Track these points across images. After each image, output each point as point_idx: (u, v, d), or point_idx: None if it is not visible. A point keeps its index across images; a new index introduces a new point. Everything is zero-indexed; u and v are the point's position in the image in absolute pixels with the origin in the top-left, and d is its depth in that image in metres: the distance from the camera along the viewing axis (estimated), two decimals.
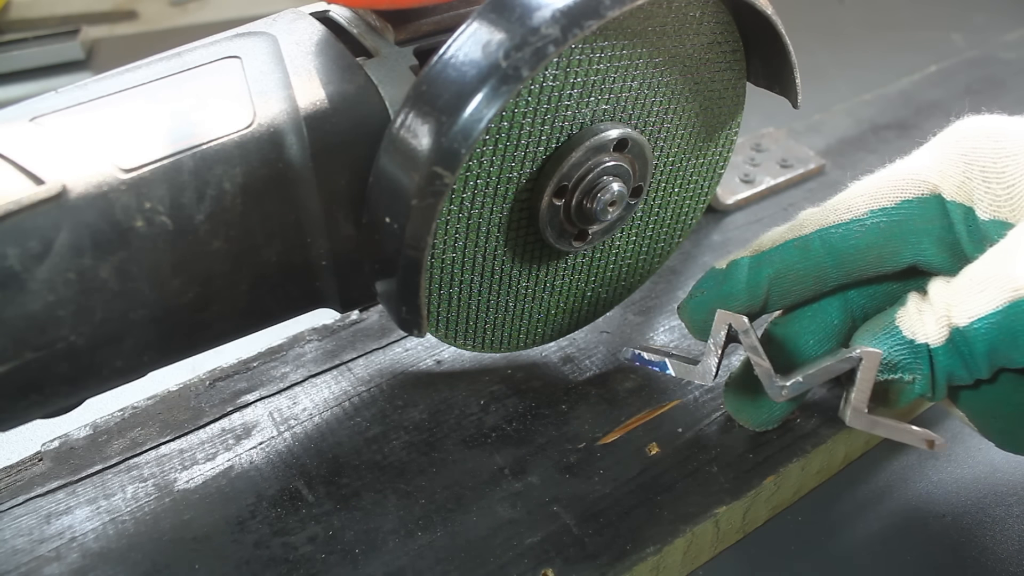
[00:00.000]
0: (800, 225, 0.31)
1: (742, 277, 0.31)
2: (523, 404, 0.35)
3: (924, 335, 0.27)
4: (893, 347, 0.27)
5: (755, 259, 0.31)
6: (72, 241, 0.23)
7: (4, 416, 0.25)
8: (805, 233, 0.31)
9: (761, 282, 0.31)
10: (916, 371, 0.27)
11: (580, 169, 0.29)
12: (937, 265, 0.30)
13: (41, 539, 0.30)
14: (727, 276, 0.32)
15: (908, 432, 0.28)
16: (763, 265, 0.31)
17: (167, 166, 0.25)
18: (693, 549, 0.30)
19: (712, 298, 0.32)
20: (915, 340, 0.27)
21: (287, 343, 0.38)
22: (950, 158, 0.29)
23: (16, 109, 0.25)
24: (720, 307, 0.30)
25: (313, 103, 0.26)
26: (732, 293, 0.31)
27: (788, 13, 0.32)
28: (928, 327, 0.27)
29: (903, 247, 0.30)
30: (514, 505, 0.31)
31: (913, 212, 0.29)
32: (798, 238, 0.31)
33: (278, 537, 0.30)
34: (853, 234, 0.30)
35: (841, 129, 0.54)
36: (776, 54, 0.31)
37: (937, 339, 0.27)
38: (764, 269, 0.31)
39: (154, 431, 0.34)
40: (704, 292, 0.32)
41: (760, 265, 0.31)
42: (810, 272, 0.31)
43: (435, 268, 0.28)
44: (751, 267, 0.31)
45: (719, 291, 0.32)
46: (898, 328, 0.28)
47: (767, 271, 0.31)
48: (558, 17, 0.24)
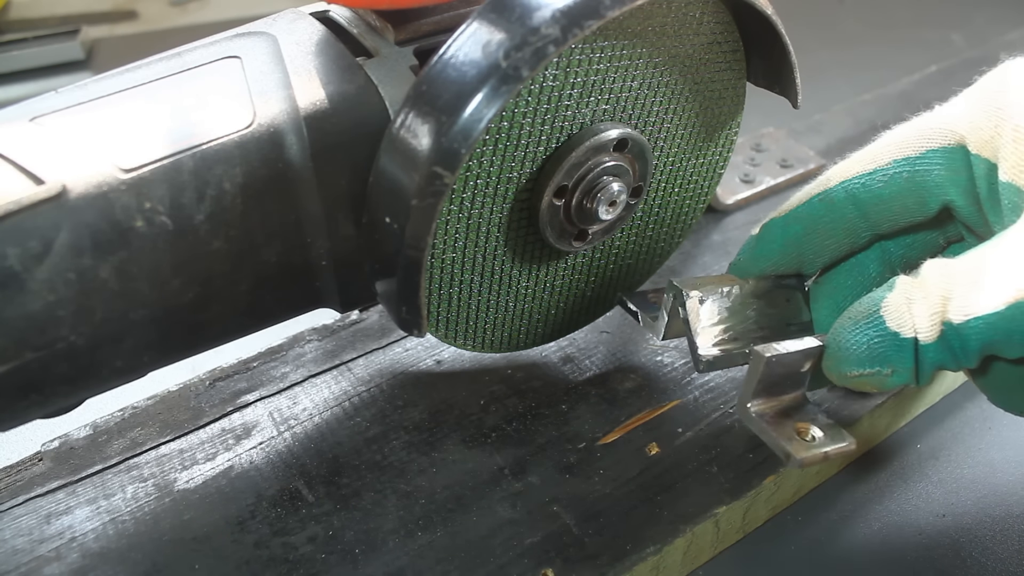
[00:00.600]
0: (826, 179, 0.31)
1: (773, 237, 0.31)
2: (523, 404, 0.35)
3: (912, 329, 0.25)
4: (874, 338, 0.26)
5: (784, 218, 0.31)
6: (72, 241, 0.23)
7: (4, 416, 0.25)
8: (830, 187, 0.30)
9: (791, 240, 0.31)
10: (898, 364, 0.26)
11: (580, 169, 0.29)
12: (966, 216, 0.29)
13: (41, 539, 0.30)
14: (759, 239, 0.32)
15: (775, 442, 0.27)
16: (791, 223, 0.31)
17: (167, 166, 0.25)
18: (693, 549, 0.30)
19: (749, 261, 0.32)
20: (900, 334, 0.25)
21: (287, 343, 0.38)
22: (985, 108, 0.28)
23: (16, 109, 0.25)
24: (756, 269, 0.31)
25: (313, 103, 0.26)
26: (765, 254, 0.31)
27: (788, 13, 0.32)
28: (918, 320, 0.25)
29: (928, 197, 0.29)
30: (514, 505, 0.31)
31: (937, 162, 0.28)
32: (822, 192, 0.30)
33: (278, 537, 0.30)
34: (876, 184, 0.29)
35: (841, 129, 0.54)
36: (776, 54, 0.31)
37: (927, 335, 0.25)
38: (793, 227, 0.31)
39: (154, 431, 0.34)
40: (742, 258, 0.32)
41: (788, 223, 0.31)
42: (838, 225, 0.30)
43: (435, 268, 0.28)
44: (781, 227, 0.31)
45: (753, 254, 0.32)
46: (882, 318, 0.26)
47: (795, 228, 0.31)
48: (558, 17, 0.24)
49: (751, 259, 0.32)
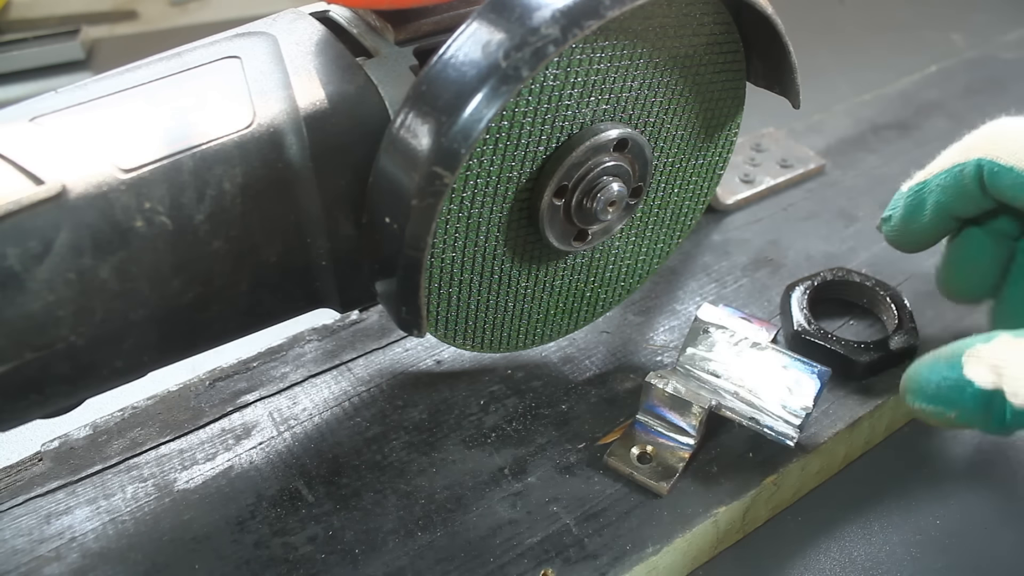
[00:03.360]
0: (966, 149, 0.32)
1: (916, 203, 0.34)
2: (523, 404, 0.35)
3: (990, 383, 0.26)
4: (946, 380, 0.27)
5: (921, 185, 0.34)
6: (72, 241, 0.23)
7: (4, 416, 0.25)
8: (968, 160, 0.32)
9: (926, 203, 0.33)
10: (963, 409, 0.27)
11: (580, 169, 0.29)
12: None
13: (41, 539, 0.30)
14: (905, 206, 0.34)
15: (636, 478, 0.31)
16: (932, 191, 0.33)
17: (167, 166, 0.24)
18: (693, 549, 0.30)
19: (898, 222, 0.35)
20: (975, 383, 0.26)
21: (287, 343, 0.38)
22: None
23: (16, 109, 0.25)
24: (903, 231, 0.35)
25: (313, 103, 0.26)
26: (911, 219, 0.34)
27: (788, 13, 0.32)
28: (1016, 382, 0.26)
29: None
30: (514, 505, 0.31)
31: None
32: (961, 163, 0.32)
33: (278, 537, 0.30)
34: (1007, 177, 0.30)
35: (841, 129, 0.54)
36: (776, 54, 0.31)
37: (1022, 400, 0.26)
38: (935, 195, 0.33)
39: (154, 431, 0.34)
40: (891, 216, 0.35)
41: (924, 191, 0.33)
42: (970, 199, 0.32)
43: (435, 268, 0.28)
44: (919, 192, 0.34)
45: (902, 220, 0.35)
46: (961, 364, 0.27)
47: (937, 197, 0.33)
48: (558, 17, 0.24)
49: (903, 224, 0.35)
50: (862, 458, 0.35)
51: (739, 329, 0.33)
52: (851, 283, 0.39)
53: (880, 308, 0.38)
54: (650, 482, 0.31)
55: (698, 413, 0.31)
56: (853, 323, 0.39)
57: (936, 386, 0.28)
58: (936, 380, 0.28)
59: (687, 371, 0.32)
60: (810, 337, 0.35)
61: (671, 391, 0.32)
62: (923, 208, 0.34)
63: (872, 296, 0.38)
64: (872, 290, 0.38)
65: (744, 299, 0.40)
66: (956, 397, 0.27)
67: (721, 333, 0.33)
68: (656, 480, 0.31)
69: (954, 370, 0.27)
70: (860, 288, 0.39)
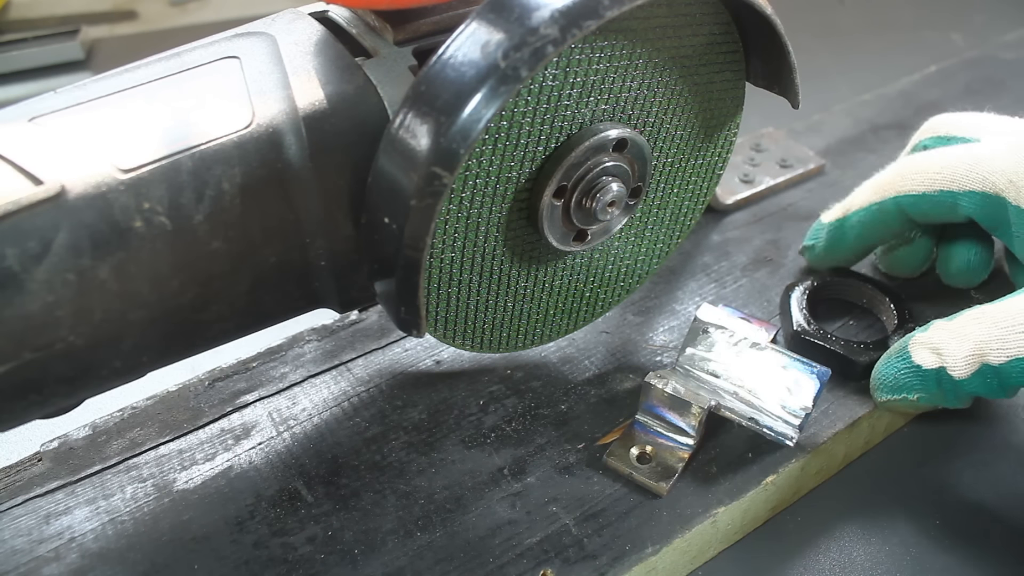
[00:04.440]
0: (881, 191, 0.37)
1: (843, 235, 0.38)
2: (522, 404, 0.35)
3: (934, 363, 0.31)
4: (901, 370, 0.32)
5: (847, 219, 0.38)
6: (71, 241, 0.23)
7: (3, 416, 0.25)
8: (884, 199, 0.36)
9: (854, 237, 0.38)
10: (923, 391, 0.32)
11: (579, 169, 0.29)
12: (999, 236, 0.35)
13: (40, 539, 0.30)
14: (830, 237, 0.39)
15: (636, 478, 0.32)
16: (854, 225, 0.38)
17: (166, 166, 0.24)
18: (693, 549, 0.30)
19: (824, 254, 0.40)
20: (922, 367, 0.31)
21: (286, 343, 0.38)
22: None
23: (15, 109, 0.25)
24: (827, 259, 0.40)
25: (312, 103, 0.26)
26: (839, 247, 0.39)
27: (788, 13, 0.32)
28: (950, 359, 0.30)
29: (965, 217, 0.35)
30: (513, 505, 0.31)
31: (976, 200, 0.34)
32: (879, 202, 0.37)
33: (277, 537, 0.30)
34: (922, 205, 0.35)
35: (841, 129, 0.54)
36: (776, 54, 0.31)
37: (962, 371, 0.30)
38: (855, 229, 0.38)
39: (153, 431, 0.34)
40: (814, 245, 0.40)
41: (852, 225, 0.38)
42: (890, 226, 0.37)
43: (434, 268, 0.28)
44: (845, 226, 0.38)
45: (827, 249, 0.39)
46: (908, 353, 0.32)
47: (857, 230, 0.38)
48: (557, 17, 0.24)
49: (825, 253, 0.39)
50: (862, 458, 0.35)
51: (739, 329, 0.33)
52: (850, 283, 0.39)
53: (880, 308, 0.38)
54: (649, 482, 0.31)
55: (697, 413, 0.31)
56: (853, 323, 0.39)
57: (894, 378, 0.32)
58: (893, 372, 0.32)
59: (686, 371, 0.32)
60: (809, 337, 0.35)
61: (670, 391, 0.32)
62: (846, 240, 0.38)
63: (871, 296, 0.39)
64: (871, 290, 0.38)
65: (744, 299, 0.40)
66: (912, 382, 0.32)
67: (721, 333, 0.33)
68: (655, 480, 0.31)
69: (904, 360, 0.32)
70: (859, 288, 0.39)
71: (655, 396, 0.32)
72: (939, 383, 0.31)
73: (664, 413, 0.32)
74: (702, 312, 0.34)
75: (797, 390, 0.31)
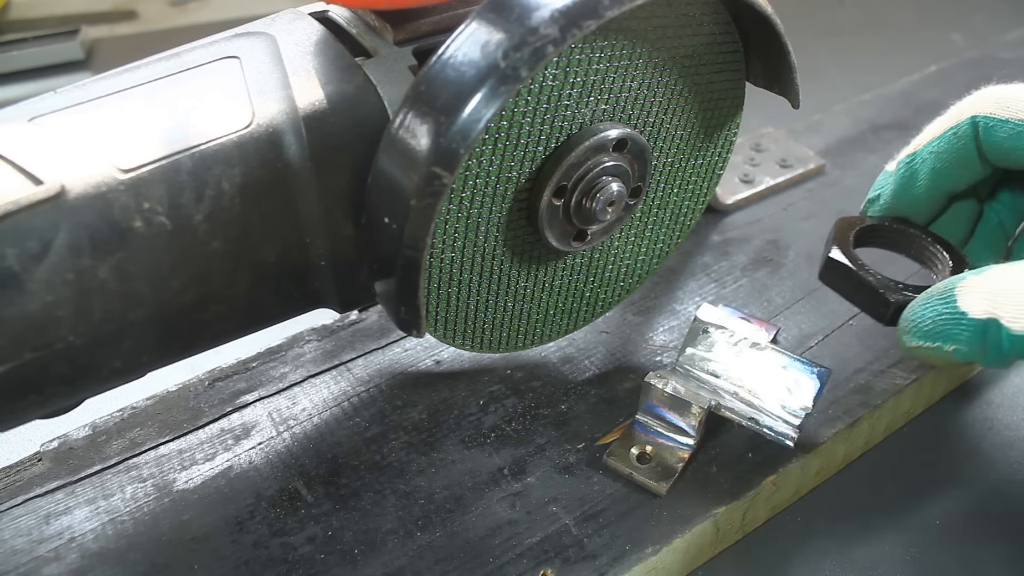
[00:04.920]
0: (958, 112, 0.32)
1: (914, 171, 0.33)
2: (522, 404, 0.35)
3: (983, 311, 0.26)
4: (942, 314, 0.27)
5: (920, 152, 0.33)
6: (71, 241, 0.23)
7: (3, 416, 0.25)
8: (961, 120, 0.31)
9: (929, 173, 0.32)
10: (962, 342, 0.27)
11: (579, 169, 0.29)
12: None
13: (40, 539, 0.30)
14: (900, 175, 0.33)
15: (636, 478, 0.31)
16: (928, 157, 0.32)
17: (166, 166, 0.24)
18: (693, 549, 0.30)
19: (887, 200, 0.34)
20: (968, 313, 0.26)
21: (286, 343, 0.38)
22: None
23: (15, 109, 0.25)
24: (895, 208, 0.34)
25: (312, 103, 0.26)
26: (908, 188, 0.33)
27: (788, 13, 0.32)
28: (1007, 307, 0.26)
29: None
30: (513, 505, 0.31)
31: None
32: (955, 125, 0.31)
33: (277, 537, 0.30)
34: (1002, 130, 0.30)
35: (841, 129, 0.54)
36: (776, 54, 0.31)
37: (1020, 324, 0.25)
38: (929, 162, 0.32)
39: (153, 431, 0.34)
40: (883, 194, 0.34)
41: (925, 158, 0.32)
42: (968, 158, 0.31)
43: (434, 268, 0.28)
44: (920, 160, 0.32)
45: (895, 189, 0.33)
46: (954, 296, 0.27)
47: (931, 164, 0.32)
48: (557, 17, 0.24)
49: (894, 200, 0.33)
50: (862, 458, 0.35)
51: (739, 329, 0.33)
52: (905, 231, 0.35)
53: (934, 264, 0.34)
54: (649, 482, 0.31)
55: (697, 413, 0.31)
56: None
57: (932, 321, 0.28)
58: (932, 316, 0.28)
59: (686, 371, 0.32)
60: (844, 263, 0.32)
61: (670, 391, 0.32)
62: (916, 179, 0.33)
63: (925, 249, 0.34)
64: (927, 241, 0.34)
65: (744, 299, 0.40)
66: (952, 330, 0.27)
67: (721, 333, 0.33)
68: (655, 480, 0.31)
69: (948, 304, 0.27)
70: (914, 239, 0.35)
71: (655, 396, 0.32)
72: (985, 336, 0.26)
73: (664, 413, 0.32)
74: (702, 312, 0.34)
75: (797, 390, 0.31)
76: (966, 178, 0.32)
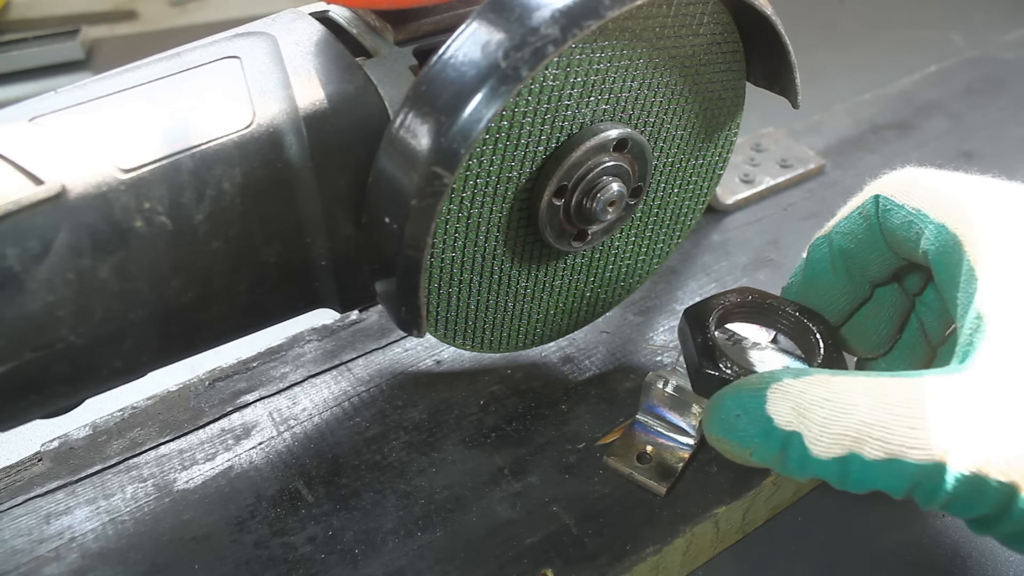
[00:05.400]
0: (863, 193, 0.30)
1: (822, 255, 0.30)
2: (523, 404, 0.35)
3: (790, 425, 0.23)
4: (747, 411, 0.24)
5: (829, 234, 0.30)
6: (71, 241, 0.23)
7: (3, 416, 0.25)
8: (865, 200, 0.29)
9: (838, 255, 0.30)
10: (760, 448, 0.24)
11: (580, 169, 0.29)
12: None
13: (40, 539, 0.30)
14: (809, 259, 0.31)
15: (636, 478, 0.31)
16: (836, 238, 0.30)
17: (166, 166, 0.24)
18: (693, 549, 0.30)
19: (799, 284, 0.32)
20: (774, 421, 0.24)
21: (287, 343, 0.38)
22: None
23: (16, 109, 0.25)
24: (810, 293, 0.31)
25: (312, 103, 0.26)
26: (817, 273, 0.31)
27: (788, 13, 0.32)
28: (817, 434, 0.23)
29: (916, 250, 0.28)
30: (514, 505, 0.31)
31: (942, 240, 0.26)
32: (860, 205, 0.29)
33: (277, 537, 0.30)
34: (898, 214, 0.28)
35: (841, 129, 0.54)
36: (776, 54, 0.31)
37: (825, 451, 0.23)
38: (838, 241, 0.30)
39: (154, 431, 0.34)
40: (794, 280, 0.32)
41: (834, 239, 0.30)
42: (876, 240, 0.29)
43: (434, 268, 0.28)
44: (828, 242, 0.30)
45: (806, 275, 0.31)
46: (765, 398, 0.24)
47: (840, 243, 0.30)
48: (557, 17, 0.24)
49: (803, 281, 0.31)
50: None
51: (739, 329, 0.33)
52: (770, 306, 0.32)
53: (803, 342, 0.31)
54: (650, 482, 0.31)
55: (698, 413, 0.31)
56: None
57: (736, 418, 0.24)
58: (736, 410, 0.25)
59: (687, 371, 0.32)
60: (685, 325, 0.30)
61: (671, 391, 0.32)
62: (827, 262, 0.30)
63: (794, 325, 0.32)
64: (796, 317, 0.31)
65: None
66: (753, 433, 0.24)
67: (721, 333, 0.33)
68: (656, 480, 0.31)
69: (757, 402, 0.24)
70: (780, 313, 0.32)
71: (655, 396, 0.32)
72: (785, 448, 0.23)
73: (664, 413, 0.32)
74: None
75: None
76: (877, 262, 0.30)
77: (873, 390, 0.23)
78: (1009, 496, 0.21)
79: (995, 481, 0.21)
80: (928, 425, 0.21)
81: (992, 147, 0.51)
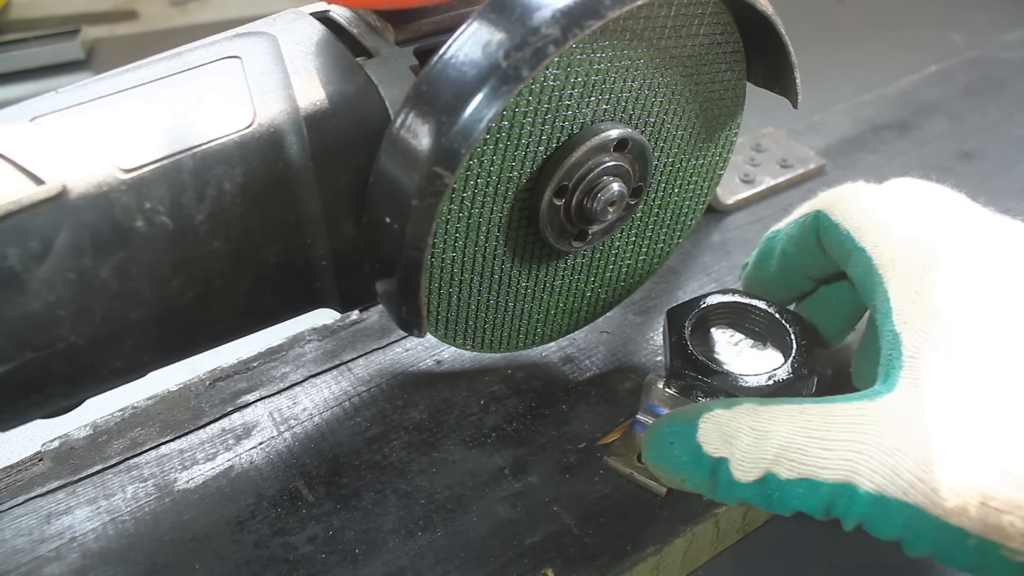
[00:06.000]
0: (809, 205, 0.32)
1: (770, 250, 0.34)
2: (523, 404, 0.35)
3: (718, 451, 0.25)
4: (680, 440, 0.26)
5: (775, 233, 0.34)
6: (72, 241, 0.23)
7: (4, 416, 0.25)
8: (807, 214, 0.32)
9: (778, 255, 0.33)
10: (691, 475, 0.26)
11: (580, 169, 0.29)
12: None
13: (41, 539, 0.30)
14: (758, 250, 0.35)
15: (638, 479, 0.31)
16: (781, 240, 0.33)
17: (167, 166, 0.25)
18: (693, 549, 0.30)
19: (749, 271, 0.35)
20: (703, 448, 0.25)
21: (287, 343, 0.38)
22: None
23: (16, 109, 0.25)
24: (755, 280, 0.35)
25: (313, 103, 0.26)
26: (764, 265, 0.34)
27: (788, 13, 0.32)
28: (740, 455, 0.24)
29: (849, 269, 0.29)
30: (514, 505, 0.31)
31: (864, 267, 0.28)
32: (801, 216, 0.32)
33: (278, 537, 0.30)
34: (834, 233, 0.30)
35: (841, 129, 0.54)
36: (776, 54, 0.31)
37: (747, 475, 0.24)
38: (781, 243, 0.33)
39: (154, 431, 0.34)
40: (744, 266, 0.36)
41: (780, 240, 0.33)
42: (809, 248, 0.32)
43: (435, 268, 0.28)
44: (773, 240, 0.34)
45: (753, 264, 0.35)
46: (696, 426, 0.26)
47: (783, 246, 0.33)
48: (558, 17, 0.24)
49: (754, 267, 0.35)
50: None
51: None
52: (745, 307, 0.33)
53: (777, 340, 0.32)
54: (650, 482, 0.31)
55: None
56: None
57: (670, 445, 0.26)
58: (670, 437, 0.26)
59: None
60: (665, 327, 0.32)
61: (671, 391, 0.32)
62: (771, 257, 0.33)
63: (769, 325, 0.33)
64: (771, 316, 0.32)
65: None
66: (683, 459, 0.26)
67: (721, 333, 0.33)
68: (656, 480, 0.31)
69: (689, 430, 0.26)
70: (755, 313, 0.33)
71: (655, 396, 0.32)
72: (714, 474, 0.25)
73: (664, 413, 0.32)
74: None
75: None
76: (815, 267, 0.32)
77: (795, 417, 0.24)
78: (918, 519, 0.22)
79: (898, 501, 0.22)
80: (840, 447, 0.23)
81: (992, 147, 0.51)
